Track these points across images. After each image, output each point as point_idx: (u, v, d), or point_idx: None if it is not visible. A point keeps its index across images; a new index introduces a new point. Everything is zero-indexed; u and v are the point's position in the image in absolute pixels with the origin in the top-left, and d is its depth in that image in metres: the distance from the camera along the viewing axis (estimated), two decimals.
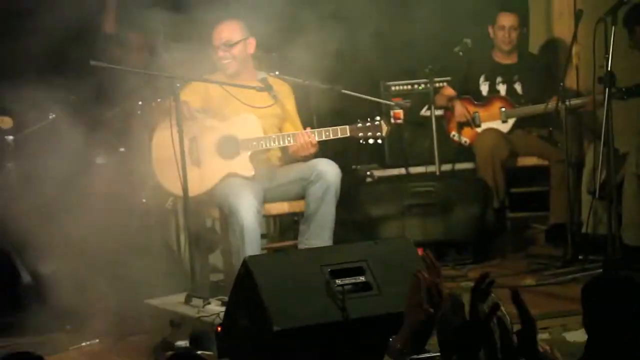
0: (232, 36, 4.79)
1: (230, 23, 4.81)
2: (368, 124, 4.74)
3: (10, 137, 5.67)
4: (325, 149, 5.40)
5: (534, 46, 6.95)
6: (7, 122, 5.59)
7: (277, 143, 4.77)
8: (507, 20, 6.30)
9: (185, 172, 4.41)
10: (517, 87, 6.39)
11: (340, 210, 4.88)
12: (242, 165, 4.73)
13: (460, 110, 6.33)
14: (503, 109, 6.29)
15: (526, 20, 6.87)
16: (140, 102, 5.74)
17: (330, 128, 4.73)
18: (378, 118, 4.77)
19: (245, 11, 5.30)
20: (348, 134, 4.75)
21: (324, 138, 4.74)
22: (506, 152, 6.18)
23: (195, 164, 4.67)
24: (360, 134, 4.75)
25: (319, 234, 4.76)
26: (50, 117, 5.88)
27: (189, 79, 4.68)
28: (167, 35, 5.76)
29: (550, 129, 5.97)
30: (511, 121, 6.29)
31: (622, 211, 5.52)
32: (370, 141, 4.78)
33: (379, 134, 4.75)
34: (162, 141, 4.54)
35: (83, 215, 5.81)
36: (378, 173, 6.62)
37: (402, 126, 6.73)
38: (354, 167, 6.63)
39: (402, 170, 6.63)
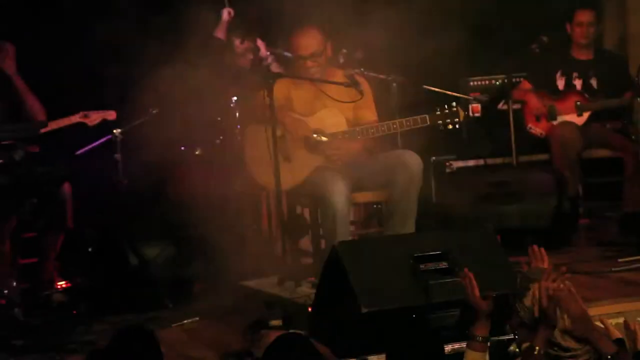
0: (318, 47, 4.79)
1: (312, 32, 4.79)
2: (446, 111, 4.73)
3: (119, 131, 5.81)
4: (408, 141, 5.40)
5: (609, 42, 6.84)
6: (111, 114, 5.72)
7: (361, 135, 4.77)
8: (584, 16, 6.25)
9: (278, 169, 4.44)
10: (593, 82, 6.34)
11: (421, 199, 4.86)
12: (330, 157, 4.75)
13: (536, 103, 6.28)
14: (578, 103, 6.24)
15: (601, 17, 6.75)
16: (235, 98, 5.84)
17: (410, 118, 4.73)
18: (454, 103, 4.76)
19: (330, 11, 5.34)
20: (428, 123, 4.75)
21: (405, 128, 4.73)
22: (581, 143, 6.16)
23: (286, 159, 4.72)
24: (439, 121, 4.76)
25: (402, 221, 4.75)
26: (153, 112, 6.02)
27: (284, 75, 4.70)
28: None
29: (625, 121, 5.85)
30: (586, 114, 6.24)
31: None
32: (449, 127, 4.77)
33: (456, 119, 4.75)
34: (255, 139, 4.59)
35: (183, 202, 5.94)
36: (457, 164, 6.59)
37: (480, 119, 6.69)
38: (433, 158, 6.60)
39: (480, 161, 6.58)
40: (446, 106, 4.74)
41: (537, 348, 3.11)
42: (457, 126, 4.81)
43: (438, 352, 3.68)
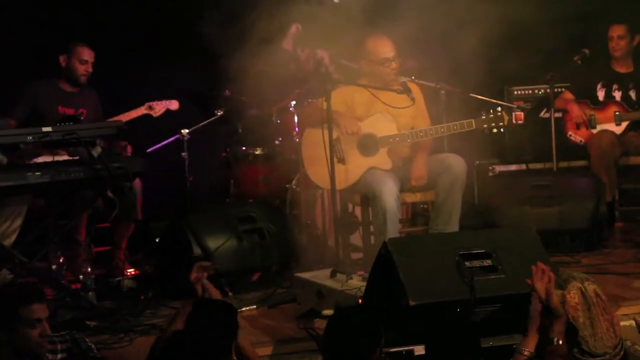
0: (394, 51, 4.83)
1: (386, 38, 4.84)
2: (491, 115, 4.74)
3: (186, 131, 5.90)
4: (454, 145, 5.42)
5: None
6: (174, 104, 5.79)
7: (410, 139, 4.80)
8: (615, 31, 6.33)
9: (333, 171, 4.48)
10: (632, 94, 6.33)
11: (465, 200, 4.87)
12: (382, 160, 4.79)
13: (577, 112, 6.28)
14: (617, 113, 6.22)
15: None
16: (294, 102, 5.90)
17: (457, 122, 4.75)
18: (499, 108, 4.77)
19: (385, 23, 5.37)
20: (474, 127, 4.76)
21: (452, 131, 4.75)
22: (619, 151, 6.17)
23: (340, 161, 4.75)
24: (485, 125, 4.77)
25: (447, 220, 4.77)
26: (217, 113, 6.10)
27: (344, 82, 4.74)
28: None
29: None
30: (624, 124, 6.24)
31: None
32: (494, 130, 4.79)
33: (500, 123, 4.77)
34: (311, 141, 4.64)
35: (244, 198, 6.02)
36: (499, 168, 6.58)
37: (523, 126, 6.67)
38: (477, 162, 6.60)
39: (522, 166, 6.57)
40: (491, 111, 4.75)
41: (556, 340, 3.11)
42: (502, 130, 4.84)
43: (474, 346, 3.68)
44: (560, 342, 3.11)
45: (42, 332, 3.31)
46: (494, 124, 4.76)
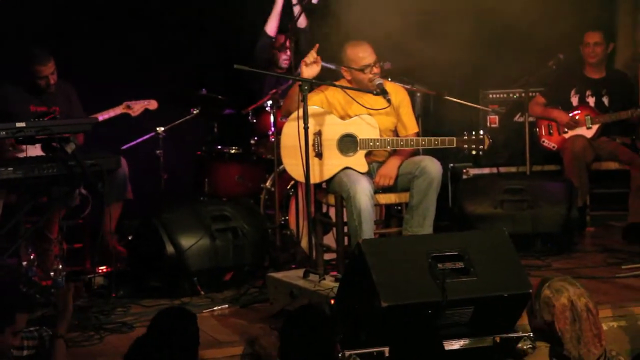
0: (374, 55, 4.82)
1: (366, 44, 4.82)
2: (473, 137, 4.74)
3: (161, 129, 5.86)
4: (429, 148, 5.40)
5: (620, 61, 6.83)
6: (153, 104, 5.75)
7: (390, 146, 4.79)
8: (591, 37, 6.34)
9: (308, 163, 4.46)
10: (605, 100, 6.36)
11: (439, 202, 4.86)
12: (358, 161, 4.77)
13: (564, 117, 6.28)
14: (588, 116, 6.24)
15: (614, 37, 6.76)
16: (270, 102, 5.86)
17: (439, 137, 4.75)
18: (482, 132, 4.77)
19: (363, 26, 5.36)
20: (454, 145, 4.76)
21: (432, 146, 4.75)
22: (591, 156, 6.20)
23: (317, 155, 4.73)
24: (465, 146, 4.77)
25: (421, 222, 4.75)
26: (193, 112, 6.06)
27: (318, 82, 4.72)
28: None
29: (634, 137, 5.84)
30: (595, 127, 6.26)
31: None
32: (473, 152, 4.80)
33: (481, 146, 4.76)
34: (293, 132, 4.60)
35: (218, 197, 5.97)
36: (473, 171, 6.59)
37: (497, 130, 6.70)
38: (451, 165, 6.61)
39: (495, 169, 6.58)
40: (474, 132, 4.75)
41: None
42: (480, 153, 4.83)
43: (438, 349, 3.66)
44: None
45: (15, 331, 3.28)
46: (474, 146, 4.76)
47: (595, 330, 3.00)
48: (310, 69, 4.71)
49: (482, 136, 4.75)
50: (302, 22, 6.21)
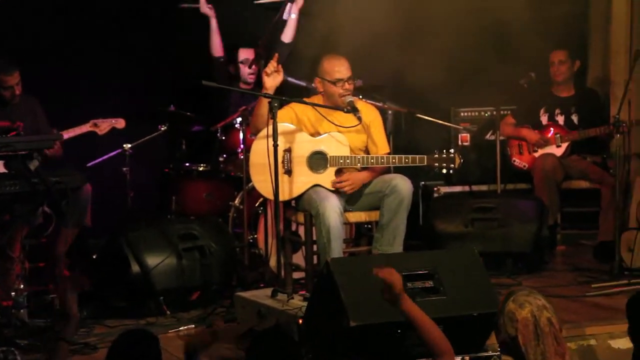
0: (350, 72, 4.83)
1: (344, 59, 4.83)
2: (444, 155, 4.75)
3: (128, 145, 5.82)
4: (400, 166, 5.42)
5: (591, 80, 6.91)
6: (121, 123, 5.71)
7: (360, 164, 4.79)
8: (556, 56, 6.41)
9: (277, 181, 4.45)
10: (574, 118, 6.42)
11: (409, 220, 4.87)
12: (328, 179, 4.76)
13: (534, 136, 6.33)
14: (558, 135, 6.29)
15: (584, 57, 6.84)
16: (239, 119, 5.85)
17: (410, 156, 4.75)
18: (452, 151, 4.78)
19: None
20: (425, 163, 4.77)
21: (403, 164, 4.76)
22: (561, 174, 6.24)
23: (286, 172, 4.72)
24: (436, 164, 4.78)
25: (391, 241, 4.74)
26: (161, 128, 6.03)
27: (287, 100, 4.71)
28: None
29: (604, 156, 5.90)
30: (564, 145, 6.31)
31: None
32: (444, 171, 4.82)
33: (452, 165, 4.77)
34: (261, 149, 4.60)
35: (185, 215, 5.93)
36: (444, 189, 6.61)
37: (468, 148, 6.74)
38: (422, 183, 6.63)
39: (466, 188, 6.61)
40: (445, 151, 4.76)
41: None
42: (451, 172, 4.85)
43: None
44: None
45: None
46: (444, 164, 4.77)
47: (558, 347, 3.01)
48: (272, 79, 4.70)
49: (452, 155, 4.77)
50: (288, 36, 6.25)
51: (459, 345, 3.76)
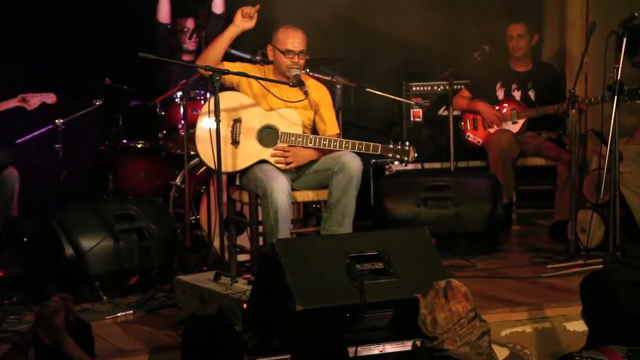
0: (303, 47, 4.76)
1: (300, 33, 4.77)
2: (398, 147, 4.72)
3: (61, 121, 5.69)
4: None
5: (547, 54, 6.92)
6: (51, 98, 5.60)
7: (312, 143, 4.72)
8: (514, 30, 6.39)
9: (220, 159, 4.35)
10: (531, 93, 6.42)
11: (360, 200, 4.82)
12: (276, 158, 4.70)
13: (490, 111, 6.31)
14: (514, 110, 6.28)
15: (540, 30, 6.84)
16: (180, 93, 5.74)
17: (364, 143, 4.71)
18: (407, 144, 4.75)
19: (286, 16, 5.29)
20: (379, 152, 4.72)
21: (356, 150, 4.70)
22: (517, 152, 6.24)
23: (234, 143, 4.65)
24: (390, 154, 4.75)
25: (340, 221, 4.70)
26: (96, 103, 5.91)
27: (229, 72, 4.62)
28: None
29: (560, 132, 5.90)
30: (520, 122, 6.33)
31: None
32: (396, 163, 4.79)
33: (405, 157, 4.74)
34: (206, 126, 4.52)
35: (123, 195, 5.83)
36: (396, 167, 6.58)
37: (421, 124, 6.71)
38: (373, 160, 6.58)
39: (419, 166, 6.58)
40: (400, 143, 4.73)
41: None
42: (404, 164, 4.82)
43: (341, 356, 3.62)
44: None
45: None
46: (398, 156, 4.76)
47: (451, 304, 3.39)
48: (244, 22, 4.71)
49: (407, 147, 4.74)
50: (219, 7, 6.13)
51: (409, 329, 3.74)
